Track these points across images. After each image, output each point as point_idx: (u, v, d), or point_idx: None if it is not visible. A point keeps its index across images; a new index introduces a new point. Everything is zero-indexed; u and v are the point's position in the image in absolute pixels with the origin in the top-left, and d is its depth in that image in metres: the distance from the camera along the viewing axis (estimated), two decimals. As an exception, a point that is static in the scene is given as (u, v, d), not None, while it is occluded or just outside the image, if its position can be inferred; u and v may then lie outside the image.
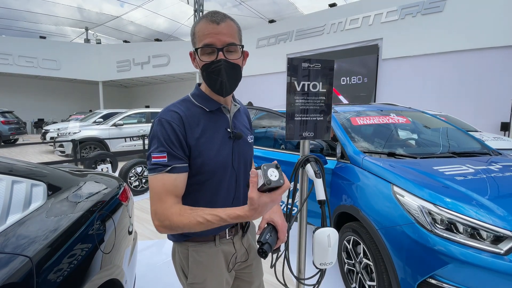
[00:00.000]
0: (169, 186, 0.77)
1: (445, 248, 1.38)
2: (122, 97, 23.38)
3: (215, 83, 0.84)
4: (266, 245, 0.82)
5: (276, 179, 0.63)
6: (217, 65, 0.81)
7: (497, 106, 7.82)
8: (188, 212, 0.74)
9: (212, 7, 17.25)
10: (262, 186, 0.63)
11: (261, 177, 0.64)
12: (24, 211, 1.00)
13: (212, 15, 0.82)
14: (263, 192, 0.65)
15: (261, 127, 3.38)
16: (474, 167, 1.88)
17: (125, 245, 1.46)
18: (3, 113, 11.55)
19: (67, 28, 20.77)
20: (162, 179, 0.77)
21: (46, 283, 0.84)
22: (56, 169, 1.41)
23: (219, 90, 0.85)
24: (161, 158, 0.78)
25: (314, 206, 2.26)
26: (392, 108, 2.95)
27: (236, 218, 0.70)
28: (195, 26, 0.84)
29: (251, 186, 0.65)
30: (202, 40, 0.81)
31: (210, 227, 0.73)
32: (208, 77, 0.84)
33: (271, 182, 0.62)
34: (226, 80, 0.83)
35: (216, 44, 0.80)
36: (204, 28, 0.81)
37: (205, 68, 0.83)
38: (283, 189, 0.66)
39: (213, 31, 0.80)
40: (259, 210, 0.67)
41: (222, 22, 0.81)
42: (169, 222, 0.74)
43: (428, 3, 8.78)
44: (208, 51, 0.82)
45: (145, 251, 2.72)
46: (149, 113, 8.56)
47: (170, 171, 0.77)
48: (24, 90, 18.57)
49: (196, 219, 0.72)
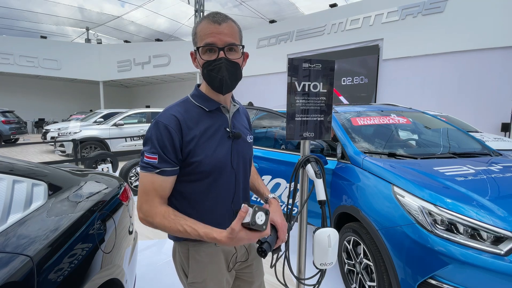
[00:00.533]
0: (157, 186, 0.83)
1: (445, 249, 1.37)
2: (122, 97, 23.40)
3: (215, 80, 0.85)
4: (266, 244, 0.83)
5: (260, 224, 0.71)
6: (218, 63, 0.83)
7: (497, 107, 7.81)
8: (171, 217, 0.80)
9: (212, 7, 17.27)
10: (246, 223, 0.70)
11: (249, 216, 0.70)
12: (25, 210, 1.00)
13: (213, 15, 0.83)
14: (244, 228, 0.71)
15: (262, 127, 3.38)
16: (475, 167, 1.88)
17: (126, 245, 1.46)
18: (4, 112, 11.57)
19: (68, 28, 20.81)
20: (152, 178, 0.82)
21: (47, 282, 0.84)
22: (56, 169, 1.42)
23: (218, 87, 0.86)
24: (152, 159, 0.82)
25: (314, 207, 2.26)
26: (393, 109, 2.95)
27: (212, 239, 0.75)
28: (197, 26, 0.85)
29: (237, 218, 0.70)
30: (203, 39, 0.83)
31: (187, 237, 0.79)
32: (209, 75, 0.85)
33: (255, 224, 0.70)
34: (227, 78, 0.85)
35: (217, 44, 0.82)
36: (206, 28, 0.82)
37: (205, 66, 0.84)
38: (261, 234, 0.74)
39: (215, 30, 0.81)
40: (234, 241, 0.73)
41: (224, 22, 0.83)
42: (152, 220, 0.81)
43: (429, 3, 8.77)
44: (209, 50, 0.83)
45: (145, 251, 2.72)
46: (150, 113, 8.58)
47: (159, 173, 0.82)
48: (25, 89, 18.59)
49: (176, 226, 0.79)
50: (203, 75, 0.87)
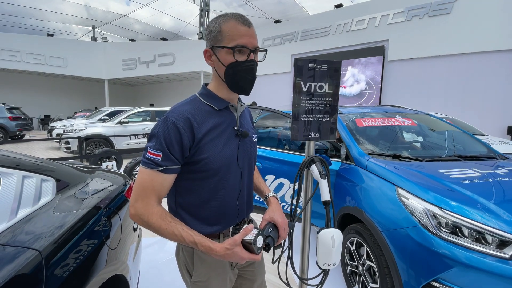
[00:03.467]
0: (156, 184, 0.81)
1: (449, 252, 1.37)
2: (127, 95, 23.53)
3: (243, 81, 0.87)
4: (269, 239, 0.85)
5: (258, 247, 0.79)
6: (249, 65, 0.86)
7: (503, 110, 7.73)
8: (168, 219, 0.80)
9: (218, 6, 17.31)
10: (248, 240, 0.77)
11: (252, 235, 0.78)
12: (34, 206, 1.02)
13: (241, 17, 0.86)
14: (242, 244, 0.78)
15: (265, 127, 3.39)
16: (480, 171, 1.87)
17: (130, 242, 1.47)
18: (10, 109, 11.71)
19: (74, 26, 20.97)
20: (152, 175, 0.81)
21: (55, 276, 0.86)
22: (64, 165, 1.43)
23: (243, 88, 0.89)
24: (156, 156, 0.80)
25: (317, 207, 2.26)
26: (398, 110, 2.93)
27: (206, 247, 0.78)
28: (222, 25, 0.85)
29: (241, 233, 0.76)
30: (235, 39, 0.83)
31: (181, 242, 0.80)
32: (236, 75, 0.86)
33: (255, 244, 0.78)
34: (253, 79, 0.89)
35: (249, 46, 0.84)
36: (236, 28, 0.84)
37: (233, 66, 0.85)
38: (251, 257, 0.79)
39: (246, 33, 0.84)
40: (228, 254, 0.77)
41: (251, 26, 0.87)
42: (147, 219, 0.79)
43: (436, 5, 8.70)
44: (239, 51, 0.85)
45: (147, 248, 2.74)
46: (154, 112, 8.62)
47: (162, 171, 0.81)
48: (31, 87, 18.79)
49: (172, 229, 0.79)
50: (226, 74, 0.87)
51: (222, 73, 0.87)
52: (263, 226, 0.91)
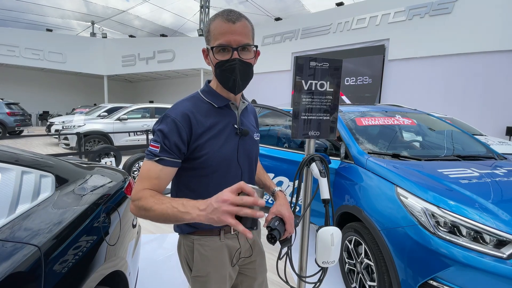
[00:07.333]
0: (152, 174, 0.82)
1: (447, 251, 1.38)
2: (126, 91, 23.45)
3: (228, 80, 0.85)
4: (276, 231, 0.83)
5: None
6: (232, 64, 0.83)
7: (503, 111, 7.74)
8: (158, 197, 0.76)
9: (218, 3, 17.21)
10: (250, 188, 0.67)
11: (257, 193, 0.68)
12: (33, 201, 1.02)
13: (228, 13, 0.82)
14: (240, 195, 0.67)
15: (265, 125, 3.39)
16: (479, 170, 1.88)
17: (129, 238, 1.47)
18: (8, 104, 11.65)
19: (73, 22, 20.87)
20: (150, 165, 0.82)
21: (54, 272, 0.86)
22: (63, 161, 1.43)
23: (231, 87, 0.87)
24: (154, 148, 0.83)
25: (316, 205, 2.27)
26: (397, 110, 2.94)
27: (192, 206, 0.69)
28: (210, 24, 0.84)
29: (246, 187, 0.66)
30: (217, 39, 0.82)
31: (171, 213, 0.71)
32: (222, 75, 0.85)
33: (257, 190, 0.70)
34: (239, 79, 0.85)
35: (231, 44, 0.81)
36: (220, 26, 0.81)
37: (218, 65, 0.84)
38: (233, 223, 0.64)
39: (229, 30, 0.81)
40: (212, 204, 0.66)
41: (238, 21, 0.81)
42: (141, 203, 0.76)
43: (437, 4, 8.68)
44: (223, 50, 0.83)
45: (146, 245, 2.74)
46: (153, 108, 8.60)
47: (158, 162, 0.82)
48: (30, 82, 18.68)
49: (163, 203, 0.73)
50: (215, 74, 0.87)
51: (213, 73, 0.89)
52: (269, 219, 0.89)
